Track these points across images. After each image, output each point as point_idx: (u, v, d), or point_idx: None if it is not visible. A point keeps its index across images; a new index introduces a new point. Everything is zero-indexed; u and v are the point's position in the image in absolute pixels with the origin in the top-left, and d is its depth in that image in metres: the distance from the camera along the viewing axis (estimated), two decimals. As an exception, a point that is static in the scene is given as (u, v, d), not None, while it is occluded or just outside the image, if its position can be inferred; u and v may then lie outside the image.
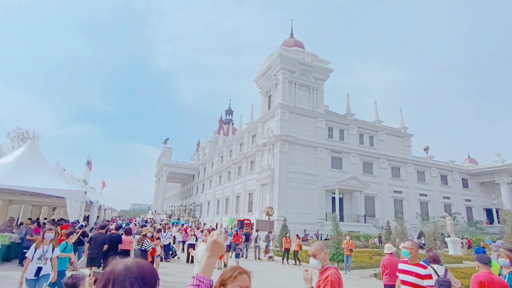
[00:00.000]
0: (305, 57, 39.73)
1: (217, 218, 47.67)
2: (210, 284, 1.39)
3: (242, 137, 47.08)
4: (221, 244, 1.50)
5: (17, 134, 31.80)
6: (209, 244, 1.48)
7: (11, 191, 11.57)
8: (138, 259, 1.13)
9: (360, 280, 11.56)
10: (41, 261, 5.34)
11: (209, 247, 1.47)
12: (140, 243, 7.47)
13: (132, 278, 1.04)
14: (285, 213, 30.57)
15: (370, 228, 33.63)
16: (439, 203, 44.04)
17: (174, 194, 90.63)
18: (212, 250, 1.48)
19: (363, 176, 38.02)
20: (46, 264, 5.41)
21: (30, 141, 13.96)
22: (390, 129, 44.53)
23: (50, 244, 5.55)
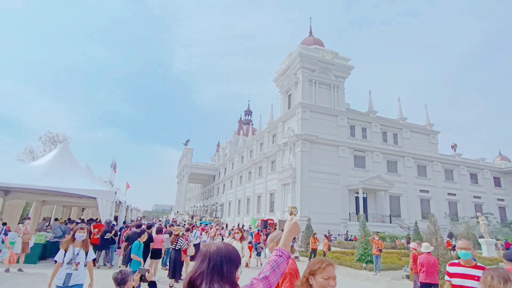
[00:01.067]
0: (325, 55, 39.15)
1: (238, 219, 47.83)
2: (288, 255, 1.61)
3: (262, 137, 47.03)
4: (299, 226, 1.76)
5: (48, 138, 33.29)
6: (290, 225, 1.72)
7: (45, 192, 12.03)
8: (227, 243, 1.42)
9: (392, 281, 11.17)
10: (70, 266, 4.44)
11: (291, 227, 1.72)
12: (174, 243, 7.52)
13: (222, 257, 1.33)
14: (308, 213, 30.19)
15: (396, 229, 32.65)
16: (469, 203, 42.16)
17: (196, 195, 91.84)
18: (292, 230, 1.72)
19: (387, 175, 36.99)
20: (77, 270, 4.50)
21: (62, 144, 14.49)
22: (415, 126, 43.08)
23: (81, 246, 4.61)
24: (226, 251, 1.36)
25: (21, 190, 12.45)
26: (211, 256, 1.33)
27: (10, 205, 13.67)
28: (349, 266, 14.55)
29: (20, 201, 15.02)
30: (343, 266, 14.49)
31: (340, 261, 15.31)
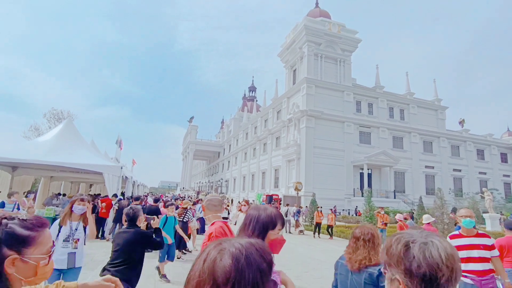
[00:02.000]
0: (332, 28, 37.84)
1: (243, 194, 48.47)
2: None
3: (266, 113, 46.63)
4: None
5: (52, 115, 33.38)
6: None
7: (52, 167, 12.10)
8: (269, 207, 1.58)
9: (397, 254, 11.28)
10: (68, 244, 3.68)
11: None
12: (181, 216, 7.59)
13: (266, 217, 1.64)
14: (312, 189, 30.40)
15: (400, 204, 32.86)
16: (474, 179, 42.05)
17: (201, 171, 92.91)
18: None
19: (393, 151, 36.77)
20: (76, 248, 3.73)
21: (67, 120, 14.43)
22: (423, 101, 42.24)
23: (79, 220, 3.83)
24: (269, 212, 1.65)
25: (28, 166, 12.55)
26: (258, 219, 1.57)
27: (18, 181, 13.85)
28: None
29: (28, 177, 15.22)
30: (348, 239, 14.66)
31: (345, 235, 15.52)
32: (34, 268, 1.04)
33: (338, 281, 2.51)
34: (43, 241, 1.08)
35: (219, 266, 0.67)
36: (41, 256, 1.07)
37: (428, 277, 0.79)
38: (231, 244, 0.72)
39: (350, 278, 2.36)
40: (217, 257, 0.69)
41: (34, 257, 1.05)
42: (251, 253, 0.70)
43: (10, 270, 0.99)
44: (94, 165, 11.07)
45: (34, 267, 1.04)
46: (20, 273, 1.02)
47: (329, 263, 9.28)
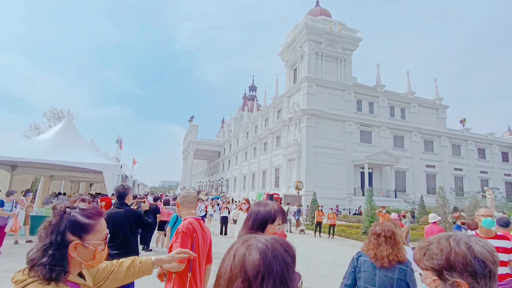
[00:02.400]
0: (332, 26, 37.74)
1: (244, 194, 48.41)
2: None
3: (267, 112, 46.55)
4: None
5: (52, 114, 33.31)
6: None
7: (52, 166, 12.03)
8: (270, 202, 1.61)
9: (398, 253, 11.22)
10: None
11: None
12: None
13: (265, 212, 1.64)
14: (313, 188, 30.32)
15: (401, 203, 32.76)
16: (475, 178, 41.95)
17: (201, 171, 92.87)
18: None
19: (393, 150, 36.67)
20: None
21: (66, 118, 14.36)
22: (424, 100, 42.12)
23: None
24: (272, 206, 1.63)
25: (27, 165, 12.48)
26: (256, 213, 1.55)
27: (18, 180, 13.79)
28: (355, 239, 14.67)
29: (28, 176, 15.16)
30: (349, 239, 14.61)
31: (346, 234, 15.44)
32: (92, 252, 1.17)
33: (362, 279, 2.48)
34: (100, 228, 1.21)
35: (249, 261, 0.73)
36: (99, 242, 1.20)
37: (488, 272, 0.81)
38: (257, 240, 0.77)
39: (379, 274, 2.38)
40: (246, 253, 0.74)
41: (93, 242, 1.17)
42: (277, 247, 0.76)
43: (73, 254, 1.12)
44: (93, 164, 10.99)
45: (92, 252, 1.17)
46: (81, 257, 1.15)
47: (330, 262, 9.21)
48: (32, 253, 1.10)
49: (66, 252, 1.11)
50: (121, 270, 1.49)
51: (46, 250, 1.08)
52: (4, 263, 6.76)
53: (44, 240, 1.12)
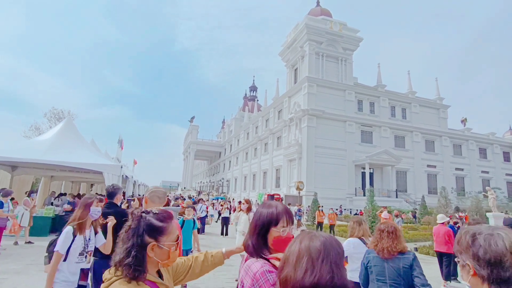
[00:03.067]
0: (333, 26, 37.69)
1: (244, 194, 48.33)
2: None
3: (267, 112, 46.50)
4: None
5: (53, 114, 33.30)
6: None
7: (52, 166, 11.99)
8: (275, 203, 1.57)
9: (400, 254, 11.17)
10: (83, 258, 2.97)
11: None
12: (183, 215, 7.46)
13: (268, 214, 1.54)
14: (314, 188, 30.28)
15: (402, 203, 32.68)
16: (476, 178, 41.83)
17: (202, 171, 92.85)
18: None
19: (394, 150, 36.58)
20: (89, 262, 3.10)
21: (66, 119, 14.34)
22: (425, 100, 42.04)
23: (91, 226, 3.13)
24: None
25: (28, 165, 12.45)
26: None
27: (18, 181, 13.75)
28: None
29: (28, 176, 15.12)
30: (350, 239, 14.51)
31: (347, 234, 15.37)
32: (167, 253, 1.28)
33: (374, 272, 2.86)
34: (172, 230, 1.31)
35: (313, 246, 1.01)
36: (172, 243, 1.30)
37: (493, 261, 0.97)
38: (318, 234, 1.07)
39: (387, 266, 2.79)
40: (310, 241, 1.03)
41: (167, 243, 1.28)
42: (332, 241, 1.04)
43: (151, 254, 1.24)
44: (94, 164, 10.96)
45: (167, 252, 1.28)
46: (157, 257, 1.26)
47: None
48: (118, 255, 1.24)
49: (145, 253, 1.23)
50: (197, 265, 1.67)
51: (130, 251, 1.21)
52: (3, 264, 6.72)
53: (127, 242, 1.24)
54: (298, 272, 0.98)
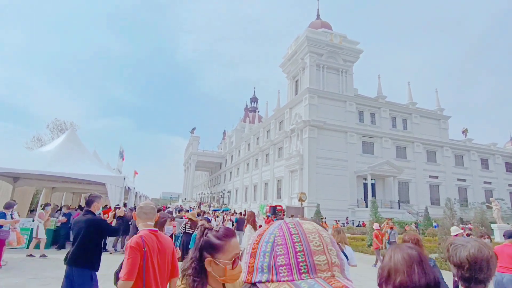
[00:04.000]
0: (333, 39, 38.18)
1: (245, 205, 48.01)
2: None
3: (269, 123, 46.63)
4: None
5: (55, 125, 33.35)
6: None
7: (54, 178, 11.95)
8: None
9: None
10: None
11: None
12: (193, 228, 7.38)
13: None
14: (316, 199, 30.09)
15: (404, 215, 32.37)
16: (479, 189, 41.56)
17: (203, 182, 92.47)
18: None
19: (396, 161, 36.48)
20: None
21: (69, 130, 14.37)
22: (425, 111, 42.18)
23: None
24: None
25: (30, 177, 12.40)
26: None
27: (20, 192, 13.67)
28: (360, 251, 14.40)
29: (29, 188, 15.03)
30: (355, 251, 14.30)
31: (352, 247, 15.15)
32: (223, 270, 1.33)
33: None
34: (229, 249, 1.35)
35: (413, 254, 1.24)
36: (227, 261, 1.34)
37: (457, 265, 1.45)
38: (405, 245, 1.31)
39: None
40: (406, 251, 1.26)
41: (223, 261, 1.33)
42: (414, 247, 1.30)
43: (209, 269, 1.33)
44: (97, 176, 10.93)
45: (223, 269, 1.33)
46: (215, 272, 1.33)
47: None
48: (184, 265, 1.38)
49: (203, 266, 1.34)
50: None
51: (192, 263, 1.35)
52: (4, 278, 6.60)
53: (191, 255, 1.39)
54: (413, 277, 1.16)
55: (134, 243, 2.32)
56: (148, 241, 2.37)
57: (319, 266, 0.52)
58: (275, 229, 0.59)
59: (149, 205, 2.64)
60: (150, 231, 2.48)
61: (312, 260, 0.52)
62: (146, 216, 2.53)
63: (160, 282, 2.42)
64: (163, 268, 2.46)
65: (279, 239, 0.56)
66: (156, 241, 2.44)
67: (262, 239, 0.58)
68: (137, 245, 2.31)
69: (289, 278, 0.51)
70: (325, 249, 0.54)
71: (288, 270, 0.52)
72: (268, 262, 0.54)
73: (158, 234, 2.50)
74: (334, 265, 0.53)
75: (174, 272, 2.58)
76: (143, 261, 2.29)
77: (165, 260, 2.48)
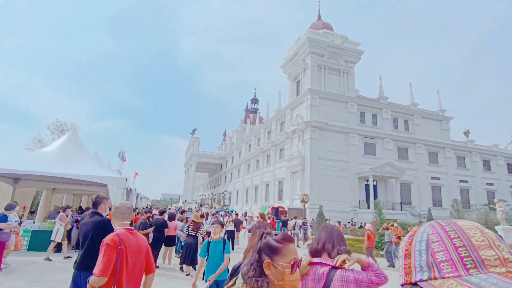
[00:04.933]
0: (335, 39, 38.08)
1: (246, 207, 47.82)
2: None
3: (270, 125, 46.49)
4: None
5: (56, 127, 33.20)
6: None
7: (55, 179, 11.80)
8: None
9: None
10: None
11: None
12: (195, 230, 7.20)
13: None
14: (317, 201, 29.93)
15: (407, 216, 32.12)
16: (481, 190, 41.37)
17: (203, 184, 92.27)
18: None
19: (398, 162, 36.30)
20: None
21: (71, 130, 14.22)
22: (427, 112, 42.04)
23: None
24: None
25: (30, 178, 12.25)
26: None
27: (20, 193, 13.51)
28: (363, 253, 14.22)
29: (30, 189, 14.88)
30: (358, 253, 14.13)
31: (355, 249, 15.01)
32: (281, 273, 1.33)
33: None
34: (287, 252, 1.37)
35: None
36: (286, 264, 1.34)
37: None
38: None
39: None
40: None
41: (281, 264, 1.33)
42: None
43: (267, 272, 1.34)
44: (99, 177, 10.76)
45: (281, 273, 1.33)
46: (273, 276, 1.33)
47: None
48: (244, 268, 1.39)
49: (262, 268, 1.35)
50: None
51: (252, 265, 1.36)
52: (6, 282, 6.43)
53: (250, 257, 1.41)
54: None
55: (111, 241, 2.43)
56: (125, 239, 2.48)
57: (488, 261, 0.49)
58: (427, 228, 0.57)
59: (125, 205, 2.77)
60: (126, 229, 2.60)
61: (478, 255, 0.50)
62: (122, 216, 2.65)
63: (133, 278, 2.53)
64: (138, 265, 2.58)
65: (434, 237, 0.55)
66: (133, 239, 2.55)
67: (414, 239, 0.57)
68: (113, 243, 2.42)
69: (454, 274, 0.49)
70: (491, 244, 0.52)
71: (451, 266, 0.50)
72: (425, 260, 0.53)
73: (134, 233, 2.63)
74: (508, 261, 0.50)
75: (149, 268, 2.68)
76: (118, 259, 2.40)
77: (140, 258, 2.59)
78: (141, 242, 2.64)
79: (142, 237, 2.70)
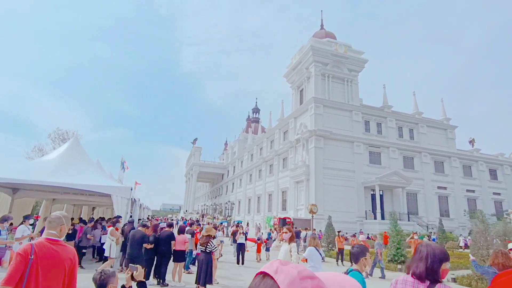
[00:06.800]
0: (338, 48, 37.95)
1: (248, 217, 46.93)
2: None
3: (272, 134, 46.01)
4: None
5: (57, 135, 32.68)
6: None
7: (56, 189, 11.23)
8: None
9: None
10: None
11: None
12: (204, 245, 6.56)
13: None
14: (323, 211, 29.18)
15: (415, 227, 31.33)
16: (488, 200, 40.60)
17: (204, 194, 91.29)
18: None
19: (404, 172, 35.64)
20: None
21: (73, 138, 13.69)
22: (431, 121, 41.62)
23: None
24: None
25: (30, 188, 11.68)
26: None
27: (19, 204, 12.91)
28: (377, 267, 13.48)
29: (29, 199, 14.27)
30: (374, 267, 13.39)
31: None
32: None
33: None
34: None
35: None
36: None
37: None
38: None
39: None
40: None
41: None
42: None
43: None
44: (103, 186, 10.18)
45: None
46: None
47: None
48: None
49: None
50: None
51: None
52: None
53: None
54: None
55: (22, 251, 2.35)
56: (40, 250, 2.35)
57: None
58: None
59: (55, 214, 2.63)
60: (47, 239, 2.44)
61: None
62: (49, 225, 2.51)
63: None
64: (55, 278, 2.41)
65: None
66: (52, 251, 2.39)
67: None
68: (24, 252, 2.32)
69: None
70: None
71: None
72: None
73: (58, 244, 2.45)
74: None
75: (71, 284, 2.49)
76: (26, 269, 2.29)
77: (59, 271, 2.42)
78: (65, 255, 2.44)
79: (69, 250, 2.49)
